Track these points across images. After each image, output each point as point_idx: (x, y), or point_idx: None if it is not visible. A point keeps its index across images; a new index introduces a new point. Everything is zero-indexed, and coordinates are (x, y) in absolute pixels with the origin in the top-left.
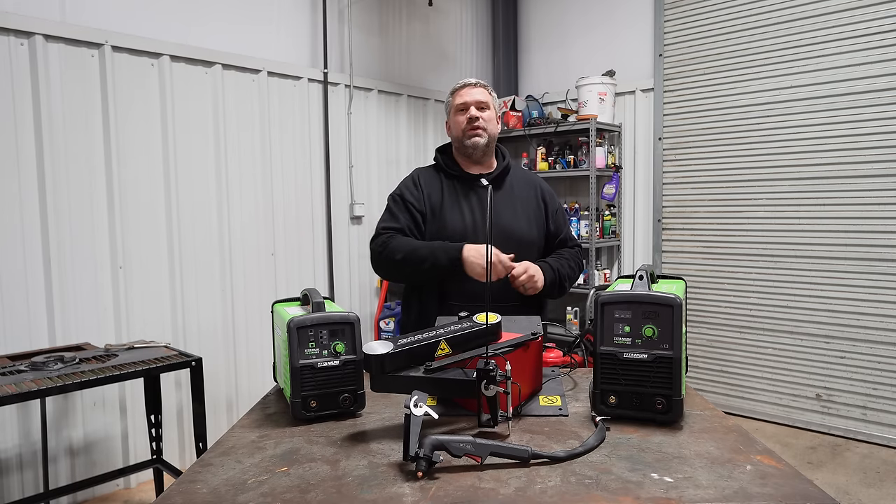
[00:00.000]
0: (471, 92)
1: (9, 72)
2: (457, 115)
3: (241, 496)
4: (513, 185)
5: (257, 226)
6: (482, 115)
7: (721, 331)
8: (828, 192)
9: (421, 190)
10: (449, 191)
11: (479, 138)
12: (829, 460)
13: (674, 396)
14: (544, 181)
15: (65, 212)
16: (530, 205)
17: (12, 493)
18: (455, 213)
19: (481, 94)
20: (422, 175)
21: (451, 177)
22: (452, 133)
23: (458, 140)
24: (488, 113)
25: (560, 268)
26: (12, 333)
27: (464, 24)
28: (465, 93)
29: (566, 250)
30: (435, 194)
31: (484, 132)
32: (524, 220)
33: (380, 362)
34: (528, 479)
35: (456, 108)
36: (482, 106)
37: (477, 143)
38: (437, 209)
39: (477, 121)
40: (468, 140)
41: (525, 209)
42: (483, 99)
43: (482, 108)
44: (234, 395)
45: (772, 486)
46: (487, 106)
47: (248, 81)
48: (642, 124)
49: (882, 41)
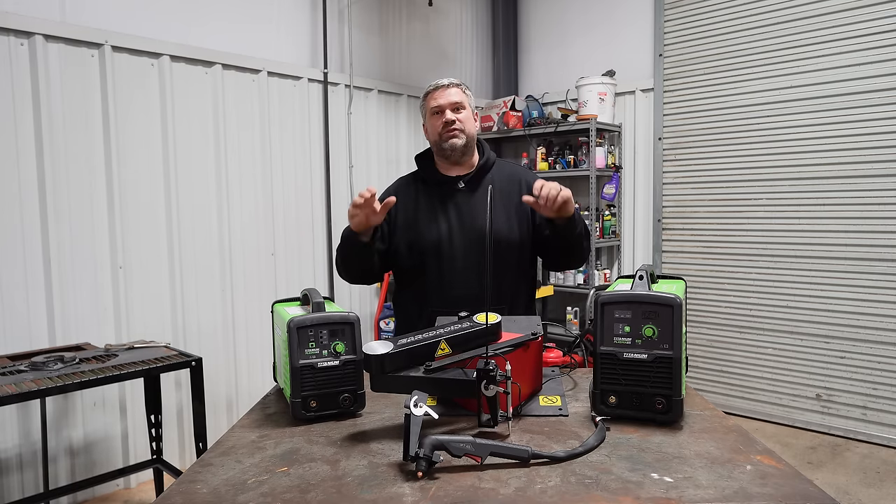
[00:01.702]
0: (445, 94)
1: (9, 72)
2: (432, 119)
3: (241, 496)
4: (494, 182)
5: (257, 226)
6: (458, 117)
7: (721, 331)
8: (828, 192)
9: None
10: (425, 199)
11: (456, 139)
12: (829, 460)
13: (674, 396)
14: (530, 172)
15: (65, 212)
16: (511, 201)
17: (12, 493)
18: (430, 223)
19: (456, 94)
20: (399, 185)
21: (428, 183)
22: (430, 137)
23: (435, 144)
24: (464, 113)
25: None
26: (12, 333)
27: (464, 24)
28: (438, 95)
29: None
30: (410, 204)
31: (461, 133)
32: (504, 219)
33: (380, 362)
34: (528, 479)
35: (431, 111)
36: (457, 107)
37: (455, 145)
38: (412, 221)
39: (453, 123)
40: (445, 143)
41: (506, 207)
42: (458, 99)
43: (457, 108)
44: (234, 395)
45: (772, 486)
46: (463, 106)
47: (248, 81)
48: (642, 124)
49: (882, 41)
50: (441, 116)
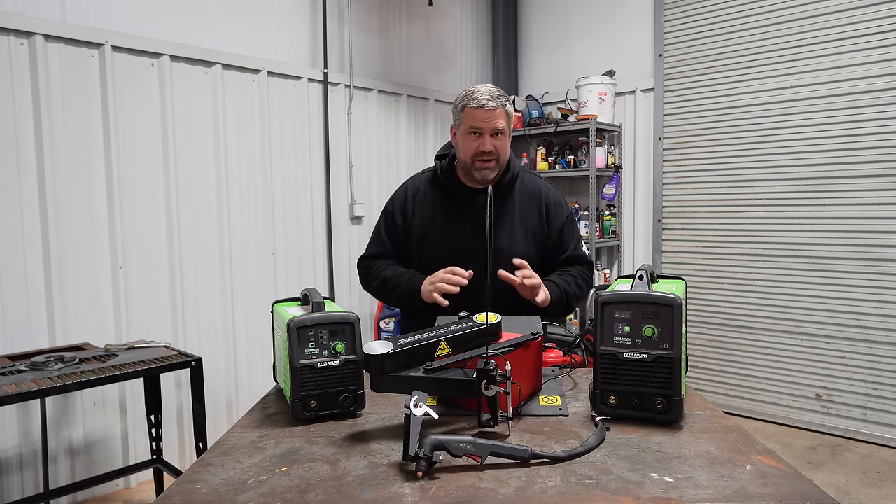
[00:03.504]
0: (489, 116)
1: (9, 72)
2: (468, 138)
3: (241, 496)
4: (514, 199)
5: (257, 226)
6: (496, 145)
7: (721, 331)
8: (828, 192)
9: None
10: (442, 209)
11: (489, 171)
12: (829, 460)
13: (674, 396)
14: (554, 190)
15: (65, 212)
16: (530, 221)
17: (12, 493)
18: (444, 236)
19: (501, 118)
20: (418, 190)
21: (447, 193)
22: (459, 153)
23: (464, 164)
24: (503, 140)
25: (566, 286)
26: (12, 333)
27: (464, 25)
28: (481, 116)
29: (576, 268)
30: (427, 215)
31: (496, 164)
32: (521, 238)
33: (380, 362)
34: (528, 479)
35: (468, 128)
36: (499, 131)
37: (486, 177)
38: (427, 232)
39: (490, 154)
40: (477, 172)
41: (524, 226)
42: (501, 126)
43: (497, 134)
44: (234, 395)
45: (772, 486)
46: (505, 131)
47: (248, 81)
48: (642, 124)
49: (882, 41)
50: (478, 140)
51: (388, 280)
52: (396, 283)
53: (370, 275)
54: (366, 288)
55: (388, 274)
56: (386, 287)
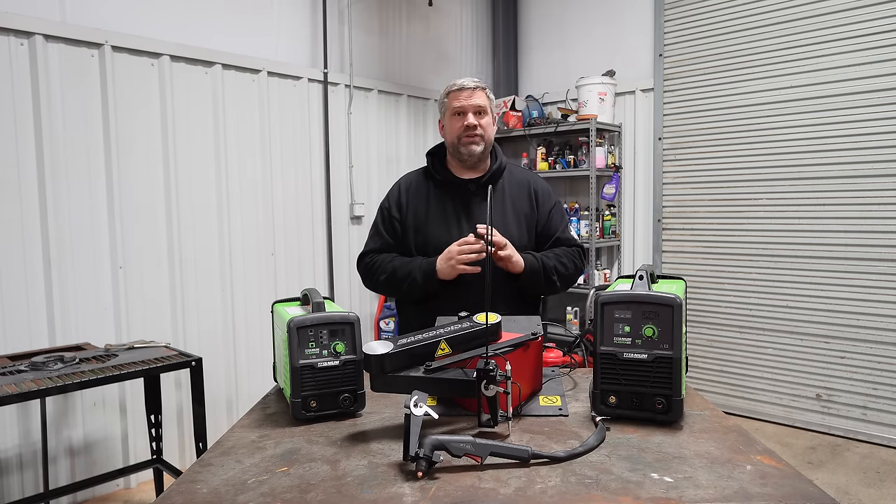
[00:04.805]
0: (469, 96)
1: (9, 72)
2: (453, 120)
3: (241, 496)
4: (504, 187)
5: (257, 226)
6: (480, 122)
7: (721, 331)
8: (828, 192)
9: (406, 204)
10: (436, 200)
11: (475, 146)
12: (829, 460)
13: (674, 396)
14: (541, 179)
15: (65, 212)
16: (522, 208)
17: (12, 493)
18: (440, 225)
19: (480, 97)
20: (410, 184)
21: (440, 184)
22: (447, 136)
23: (452, 146)
24: (486, 118)
25: (546, 259)
26: (12, 333)
27: (464, 25)
28: (462, 96)
29: (561, 248)
30: (421, 206)
31: (481, 139)
32: (514, 225)
33: (380, 362)
34: (528, 479)
35: (452, 111)
36: (480, 110)
37: (473, 151)
38: (421, 223)
39: (475, 128)
40: (463, 147)
41: (515, 211)
42: (482, 104)
43: (480, 112)
44: (234, 395)
45: (772, 486)
46: (486, 111)
47: (248, 81)
48: (642, 124)
49: (882, 41)
50: (463, 119)
51: (398, 270)
52: (408, 271)
53: (375, 269)
54: (370, 284)
55: (397, 264)
56: (396, 277)
